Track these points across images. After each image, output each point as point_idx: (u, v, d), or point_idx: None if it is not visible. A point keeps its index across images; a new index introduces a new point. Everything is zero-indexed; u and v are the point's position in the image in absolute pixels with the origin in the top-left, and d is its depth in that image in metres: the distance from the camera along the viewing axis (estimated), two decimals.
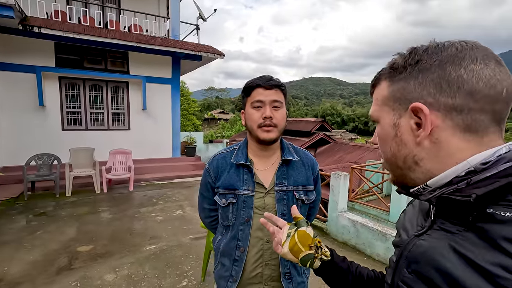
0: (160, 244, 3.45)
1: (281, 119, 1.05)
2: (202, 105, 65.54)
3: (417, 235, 0.52)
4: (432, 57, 0.47)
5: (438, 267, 0.43)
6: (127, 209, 4.73)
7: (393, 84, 0.51)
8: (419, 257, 0.48)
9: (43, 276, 2.71)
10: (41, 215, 4.30)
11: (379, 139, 0.56)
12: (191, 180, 6.98)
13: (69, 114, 6.69)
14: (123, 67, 7.13)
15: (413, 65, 0.48)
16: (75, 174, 5.48)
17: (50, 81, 6.34)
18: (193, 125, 27.74)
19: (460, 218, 0.44)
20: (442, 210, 0.48)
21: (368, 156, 8.43)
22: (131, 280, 2.67)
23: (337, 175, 3.79)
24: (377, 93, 0.55)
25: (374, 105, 0.56)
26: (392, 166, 0.54)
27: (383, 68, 0.55)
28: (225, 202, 1.07)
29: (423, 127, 0.46)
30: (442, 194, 0.45)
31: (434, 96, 0.45)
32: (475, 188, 0.41)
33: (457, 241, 0.43)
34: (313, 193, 1.14)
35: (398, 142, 0.50)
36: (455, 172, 0.44)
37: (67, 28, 5.80)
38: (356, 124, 74.97)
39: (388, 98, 0.52)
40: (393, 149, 0.52)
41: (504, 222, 0.38)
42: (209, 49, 7.46)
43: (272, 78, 1.06)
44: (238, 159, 1.09)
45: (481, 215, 0.41)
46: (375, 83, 0.57)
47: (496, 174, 0.41)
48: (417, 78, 0.47)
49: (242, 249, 1.06)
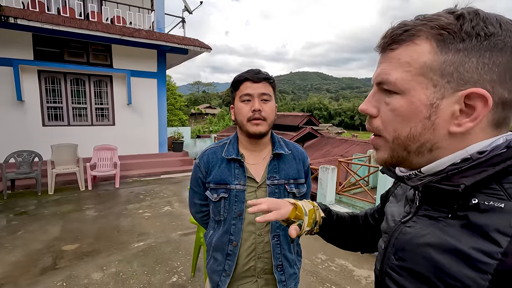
0: (148, 240, 3.40)
1: (270, 112, 1.05)
2: (189, 100, 64.65)
3: (403, 222, 0.52)
4: (507, 35, 0.38)
5: (423, 253, 0.44)
6: (114, 206, 4.63)
7: (446, 53, 0.40)
8: (406, 244, 0.48)
9: (26, 276, 2.62)
10: (22, 214, 4.15)
11: (397, 114, 0.44)
12: (179, 176, 6.90)
13: (50, 109, 6.43)
14: (106, 60, 6.90)
15: (481, 37, 0.38)
16: (57, 171, 5.31)
17: (28, 74, 6.06)
18: (180, 120, 27.35)
19: (445, 206, 0.44)
20: (427, 197, 0.48)
21: (354, 150, 8.58)
22: (119, 278, 2.63)
23: (325, 169, 3.83)
24: (409, 56, 0.42)
25: (399, 70, 0.43)
26: (399, 148, 0.46)
27: (422, 22, 0.42)
28: (217, 197, 1.07)
29: (473, 117, 0.39)
30: (430, 182, 0.44)
31: (494, 85, 0.39)
32: (464, 178, 0.41)
33: (441, 227, 0.43)
34: (304, 186, 1.15)
35: (428, 126, 0.42)
36: (452, 160, 0.43)
37: (45, 19, 5.54)
38: (342, 118, 76.02)
39: (432, 68, 0.41)
40: (414, 131, 0.43)
41: (486, 211, 0.38)
42: (196, 42, 7.32)
43: (261, 71, 1.05)
44: (229, 153, 1.08)
45: (465, 203, 0.41)
46: (404, 38, 0.43)
47: (484, 163, 0.40)
48: (484, 56, 0.38)
49: (235, 243, 1.05)
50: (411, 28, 0.42)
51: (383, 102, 0.47)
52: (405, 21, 0.44)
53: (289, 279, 1.10)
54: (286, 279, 1.09)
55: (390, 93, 0.45)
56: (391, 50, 0.44)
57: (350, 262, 3.01)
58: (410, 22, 0.43)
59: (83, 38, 6.27)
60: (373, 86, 0.50)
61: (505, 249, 0.34)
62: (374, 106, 0.48)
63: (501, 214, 0.37)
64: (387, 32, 0.45)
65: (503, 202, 0.37)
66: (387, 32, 0.45)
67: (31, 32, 5.89)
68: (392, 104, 0.45)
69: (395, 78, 0.43)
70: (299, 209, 0.73)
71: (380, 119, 0.47)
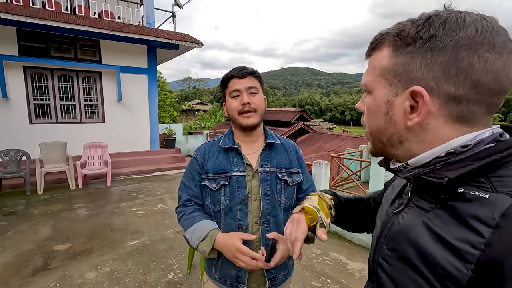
0: (142, 239, 3.37)
1: (259, 103, 1.09)
2: (180, 96, 63.93)
3: (395, 213, 0.54)
4: (448, 35, 0.40)
5: (413, 243, 0.45)
6: (106, 204, 4.57)
7: (398, 56, 0.45)
8: (397, 235, 0.50)
9: (16, 278, 2.57)
10: (10, 215, 4.05)
11: (368, 111, 0.52)
12: (172, 173, 6.85)
13: (37, 107, 6.25)
14: (95, 56, 6.74)
15: (424, 40, 0.42)
16: (46, 170, 5.19)
17: (13, 71, 5.87)
18: (171, 117, 27.04)
19: (433, 196, 0.46)
20: (418, 188, 0.50)
21: (346, 145, 8.67)
22: (114, 277, 2.60)
23: (319, 164, 3.86)
24: (376, 60, 0.49)
25: (369, 73, 0.51)
26: (375, 140, 0.53)
27: (387, 31, 0.48)
28: (217, 186, 1.08)
29: (418, 112, 0.44)
30: (418, 174, 0.47)
31: (438, 82, 0.42)
32: (448, 171, 0.43)
33: (430, 218, 0.45)
34: (299, 175, 1.16)
35: (388, 120, 0.48)
36: (436, 153, 0.45)
37: (30, 13, 5.35)
38: (333, 113, 76.66)
39: (387, 70, 0.47)
40: (380, 125, 0.50)
41: (471, 200, 0.40)
42: (187, 37, 7.22)
43: (245, 68, 1.10)
44: (226, 143, 1.12)
45: (452, 194, 0.43)
46: (375, 46, 0.50)
47: (471, 157, 0.42)
48: (425, 57, 0.42)
49: (245, 227, 1.07)
50: (380, 37, 0.49)
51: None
52: (382, 31, 0.49)
53: (278, 268, 1.10)
54: (274, 268, 1.09)
55: (367, 93, 0.53)
56: (369, 56, 0.52)
57: (344, 256, 3.05)
58: (384, 31, 0.49)
59: (70, 33, 6.10)
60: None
61: (487, 240, 0.36)
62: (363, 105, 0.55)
63: (485, 204, 0.38)
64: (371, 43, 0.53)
65: (488, 193, 0.39)
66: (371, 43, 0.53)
67: (15, 27, 5.69)
68: (366, 102, 0.53)
69: (366, 80, 0.52)
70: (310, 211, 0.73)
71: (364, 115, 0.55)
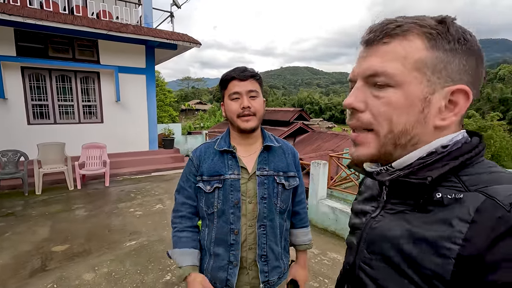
0: (140, 239, 3.37)
1: (259, 107, 1.08)
2: (179, 96, 63.86)
3: (372, 217, 0.54)
4: (475, 43, 0.43)
5: (393, 246, 0.46)
6: (104, 205, 4.56)
7: (437, 51, 0.42)
8: (376, 238, 0.50)
9: (14, 280, 2.56)
10: (8, 216, 4.04)
11: (395, 108, 0.44)
12: (170, 173, 6.85)
13: (35, 107, 6.24)
14: (93, 56, 6.72)
15: (461, 42, 0.42)
16: (44, 171, 5.18)
17: (11, 71, 5.85)
18: (170, 117, 26.99)
19: (411, 199, 0.47)
20: (394, 191, 0.50)
21: (345, 144, 8.66)
22: (112, 278, 2.60)
23: (317, 164, 3.86)
24: (405, 49, 0.43)
25: (398, 63, 0.43)
26: (390, 141, 0.46)
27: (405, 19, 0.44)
28: (211, 188, 1.08)
29: (456, 111, 0.44)
30: (398, 177, 0.46)
31: (470, 85, 0.43)
32: (429, 171, 0.44)
33: (408, 220, 0.46)
34: (296, 179, 1.17)
35: (420, 119, 0.44)
36: (420, 154, 0.46)
37: (27, 13, 5.34)
38: (332, 112, 76.64)
39: (425, 64, 0.43)
40: (408, 125, 0.44)
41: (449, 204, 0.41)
42: (185, 37, 7.20)
43: (247, 69, 1.08)
44: (221, 146, 1.12)
45: (430, 198, 0.44)
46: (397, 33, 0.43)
47: (446, 157, 0.44)
48: (463, 59, 0.42)
49: (236, 231, 1.07)
50: (403, 24, 0.43)
51: (371, 96, 0.46)
52: (392, 18, 0.45)
53: (272, 271, 1.11)
54: (268, 271, 1.10)
55: (382, 86, 0.45)
56: (384, 43, 0.44)
57: (342, 255, 3.05)
58: (398, 19, 0.44)
59: (68, 33, 6.08)
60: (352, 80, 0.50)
61: (465, 235, 0.37)
62: (361, 100, 0.47)
63: (461, 204, 0.40)
64: (374, 27, 0.46)
65: (462, 193, 0.41)
66: (374, 27, 0.46)
67: (13, 27, 5.67)
68: (387, 97, 0.44)
69: (393, 70, 0.43)
70: None
71: (369, 113, 0.46)
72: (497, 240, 0.35)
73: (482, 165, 0.44)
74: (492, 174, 0.42)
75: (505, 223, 0.35)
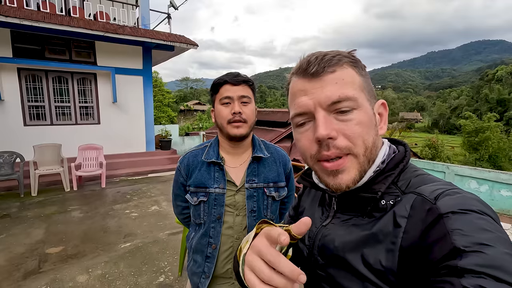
0: (135, 241, 3.37)
1: (250, 114, 1.05)
2: (178, 97, 63.75)
3: (324, 226, 0.58)
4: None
5: (347, 249, 0.50)
6: (100, 206, 4.56)
7: (362, 76, 0.51)
8: (330, 244, 0.54)
9: (7, 282, 2.56)
10: (4, 217, 4.04)
11: (364, 126, 0.48)
12: (167, 175, 6.84)
13: (31, 109, 6.24)
14: (90, 57, 6.73)
15: (364, 69, 0.53)
16: (40, 172, 5.18)
17: (7, 73, 5.85)
18: (168, 117, 26.98)
19: (359, 208, 0.53)
20: (344, 203, 0.56)
21: None
22: (105, 280, 2.61)
23: None
24: (348, 76, 0.49)
25: (350, 88, 0.48)
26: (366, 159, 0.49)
27: (337, 54, 0.50)
28: (196, 201, 1.07)
29: (384, 120, 0.55)
30: (354, 192, 0.52)
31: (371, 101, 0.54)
32: (376, 184, 0.50)
33: (358, 225, 0.51)
34: (285, 189, 1.15)
35: (377, 132, 0.52)
36: (371, 172, 0.51)
37: (24, 15, 5.35)
38: None
39: (363, 87, 0.51)
40: (373, 139, 0.50)
41: (391, 208, 0.47)
42: (182, 39, 7.22)
43: (240, 74, 1.05)
44: (209, 156, 1.08)
45: (376, 206, 0.50)
46: (335, 63, 0.49)
47: (387, 171, 0.51)
48: (369, 80, 0.54)
49: (214, 246, 1.07)
50: (335, 56, 0.50)
51: (337, 122, 0.48)
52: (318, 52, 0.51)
53: None
54: None
55: (346, 111, 0.48)
56: (331, 72, 0.49)
57: None
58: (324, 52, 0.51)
59: (65, 34, 6.09)
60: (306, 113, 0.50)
61: (405, 228, 0.44)
62: (333, 128, 0.48)
63: (400, 205, 0.47)
64: (312, 61, 0.49)
65: (399, 196, 0.48)
66: (312, 61, 0.49)
67: (9, 29, 5.68)
68: (355, 118, 0.48)
69: (353, 94, 0.48)
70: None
71: (343, 137, 0.48)
72: (429, 227, 0.41)
73: (409, 169, 0.52)
74: (418, 177, 0.50)
75: (432, 214, 0.42)
